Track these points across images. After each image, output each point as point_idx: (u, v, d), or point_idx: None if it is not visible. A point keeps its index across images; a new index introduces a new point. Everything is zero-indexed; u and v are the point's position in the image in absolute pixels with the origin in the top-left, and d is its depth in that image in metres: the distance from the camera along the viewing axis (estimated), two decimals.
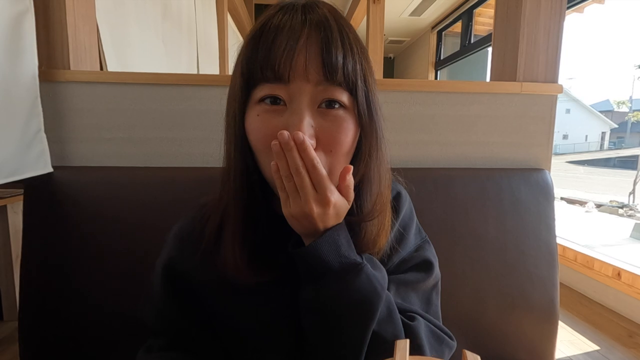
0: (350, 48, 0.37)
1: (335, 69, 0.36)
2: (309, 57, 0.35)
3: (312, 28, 0.36)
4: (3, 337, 1.52)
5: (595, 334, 1.62)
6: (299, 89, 0.36)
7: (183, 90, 0.78)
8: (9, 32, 0.65)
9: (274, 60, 0.35)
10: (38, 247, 0.70)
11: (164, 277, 0.47)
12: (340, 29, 0.37)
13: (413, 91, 0.83)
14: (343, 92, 0.37)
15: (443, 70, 4.43)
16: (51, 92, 0.74)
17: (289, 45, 0.35)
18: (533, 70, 0.84)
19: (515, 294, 0.79)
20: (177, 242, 0.47)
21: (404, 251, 0.48)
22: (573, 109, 38.15)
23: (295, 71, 0.35)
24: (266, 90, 0.37)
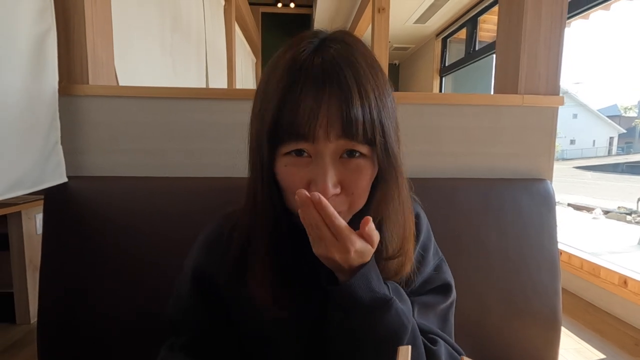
0: (368, 102, 0.39)
1: (355, 125, 0.39)
2: (330, 116, 0.38)
3: (333, 85, 0.38)
4: (16, 340, 1.56)
5: (601, 343, 1.61)
6: (322, 147, 0.39)
7: (194, 104, 0.82)
8: (33, 50, 0.68)
9: (298, 124, 0.38)
10: (56, 254, 0.73)
11: (192, 279, 0.50)
12: (357, 81, 0.39)
13: (417, 103, 0.85)
14: (363, 145, 0.40)
15: (448, 77, 4.45)
16: (70, 106, 0.78)
17: (313, 110, 0.38)
18: (534, 83, 0.87)
19: (518, 302, 0.80)
20: (205, 249, 0.51)
21: (424, 272, 0.52)
22: (580, 114, 37.84)
23: (319, 132, 0.39)
24: (292, 147, 0.40)
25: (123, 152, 0.81)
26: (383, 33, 2.68)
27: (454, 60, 4.21)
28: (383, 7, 2.59)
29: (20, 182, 0.67)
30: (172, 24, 1.80)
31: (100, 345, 0.72)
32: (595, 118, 37.91)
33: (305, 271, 0.45)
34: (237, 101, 0.83)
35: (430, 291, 0.52)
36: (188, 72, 2.03)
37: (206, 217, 0.60)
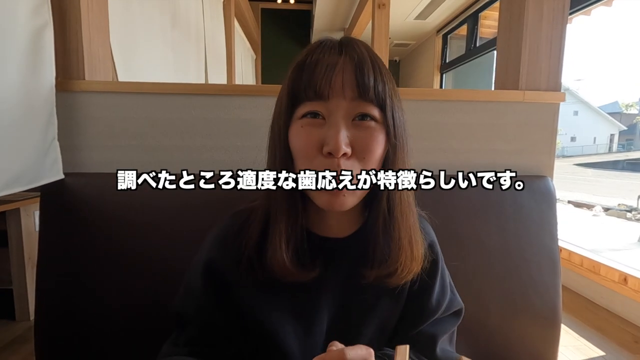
0: (380, 73, 0.43)
1: (367, 88, 0.42)
2: (345, 78, 0.42)
3: (348, 56, 0.43)
4: (16, 337, 1.56)
5: (600, 340, 1.61)
6: (336, 105, 0.42)
7: (193, 100, 0.81)
8: (30, 45, 0.68)
9: (315, 81, 0.42)
10: (53, 251, 0.73)
11: (204, 273, 0.50)
12: (372, 59, 0.43)
13: (417, 99, 0.84)
14: (374, 108, 0.43)
15: (448, 73, 4.43)
16: (66, 102, 0.77)
17: (328, 69, 0.42)
18: (535, 79, 0.86)
19: (518, 299, 0.80)
20: (217, 244, 0.51)
21: (447, 296, 0.55)
22: (581, 110, 37.75)
23: (334, 90, 0.41)
24: (308, 107, 0.43)
25: (120, 148, 0.80)
26: (383, 29, 2.67)
27: (455, 56, 4.19)
28: (383, 3, 2.57)
29: (17, 179, 0.67)
30: (172, 19, 1.79)
31: (97, 341, 0.72)
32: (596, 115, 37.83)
33: (318, 249, 0.48)
34: (236, 97, 0.82)
35: (452, 315, 0.56)
36: (188, 68, 2.02)
37: (205, 214, 0.60)
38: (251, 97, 0.84)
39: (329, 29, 4.48)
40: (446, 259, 0.79)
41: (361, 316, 0.50)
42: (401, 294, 0.51)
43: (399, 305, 0.52)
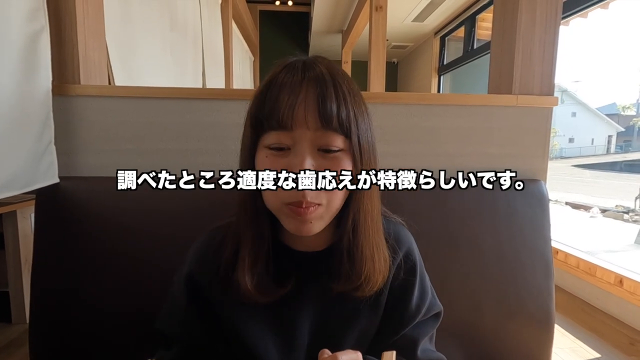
0: (344, 98, 0.43)
1: (330, 118, 0.41)
2: (307, 109, 0.41)
3: (310, 84, 0.42)
4: (12, 340, 1.56)
5: (596, 342, 1.62)
6: (300, 135, 0.42)
7: (189, 104, 0.81)
8: (26, 49, 0.68)
9: (277, 112, 0.41)
10: (48, 255, 0.73)
11: (186, 288, 0.51)
12: (334, 83, 0.43)
13: (411, 104, 0.85)
14: (338, 137, 0.42)
15: (446, 75, 4.44)
16: (62, 106, 0.77)
17: (290, 100, 0.41)
18: (528, 83, 0.86)
19: (512, 302, 0.80)
20: (197, 258, 0.52)
21: (426, 300, 0.55)
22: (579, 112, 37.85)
23: (297, 121, 0.41)
24: (273, 138, 0.43)
25: (116, 152, 0.81)
26: (381, 31, 2.68)
27: (453, 58, 4.20)
28: (380, 6, 2.58)
29: (11, 183, 0.67)
30: (170, 22, 1.80)
31: (92, 345, 0.72)
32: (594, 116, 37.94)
33: (287, 269, 0.48)
34: (233, 101, 0.82)
35: (431, 317, 0.57)
36: (185, 70, 2.03)
37: (199, 218, 0.60)
38: (247, 101, 0.84)
39: (327, 31, 4.49)
40: (440, 261, 0.79)
41: (341, 327, 0.51)
42: (379, 303, 0.52)
43: (377, 314, 0.53)
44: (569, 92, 33.33)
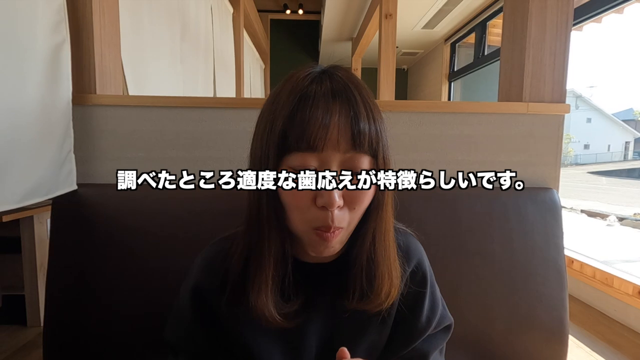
0: (373, 117, 0.42)
1: (363, 139, 0.40)
2: (340, 131, 0.40)
3: (343, 101, 0.40)
4: (26, 342, 1.59)
5: (614, 355, 1.57)
6: (329, 156, 0.40)
7: (200, 113, 0.83)
8: (50, 61, 0.71)
9: (310, 134, 0.39)
10: (63, 260, 0.74)
11: (192, 300, 0.50)
12: (363, 100, 0.41)
13: (421, 112, 0.85)
14: (367, 158, 0.42)
15: (457, 81, 4.42)
16: (79, 115, 0.80)
17: (324, 120, 0.39)
18: (539, 91, 0.86)
19: (524, 313, 0.79)
20: (203, 271, 0.51)
21: (437, 312, 0.55)
22: (594, 118, 37.09)
23: (329, 143, 0.40)
24: (299, 159, 0.40)
25: (129, 160, 0.82)
26: (390, 39, 2.68)
27: (463, 65, 4.18)
28: (390, 14, 2.60)
29: (35, 190, 0.69)
30: (182, 32, 1.83)
31: (106, 349, 0.73)
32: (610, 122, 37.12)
33: (304, 290, 0.47)
34: (244, 110, 0.84)
35: (442, 330, 0.56)
36: (196, 79, 2.06)
37: (215, 223, 0.61)
38: (258, 110, 0.85)
39: (337, 39, 4.52)
40: (451, 270, 0.78)
41: (349, 341, 0.50)
42: (389, 316, 0.52)
43: (387, 327, 0.52)
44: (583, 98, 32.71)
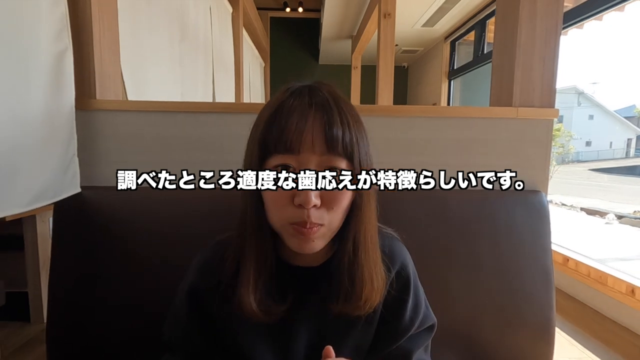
0: (348, 124, 0.45)
1: (336, 143, 0.44)
2: (315, 134, 0.44)
3: (317, 111, 0.45)
4: (30, 339, 1.62)
5: (605, 352, 1.60)
6: (306, 158, 0.44)
7: (199, 117, 0.85)
8: (53, 68, 0.73)
9: (286, 138, 0.44)
10: (66, 260, 0.77)
11: (188, 300, 0.54)
12: (339, 110, 0.45)
13: (412, 116, 0.87)
14: (342, 160, 0.45)
15: (457, 79, 4.43)
16: (81, 120, 0.81)
17: (299, 126, 0.44)
18: (529, 96, 0.87)
19: (511, 313, 0.81)
20: (199, 273, 0.54)
21: (420, 313, 0.57)
22: (597, 115, 36.95)
23: (304, 145, 0.44)
24: (279, 160, 0.45)
25: (129, 164, 0.84)
26: (389, 38, 2.69)
27: (463, 63, 4.18)
28: (389, 13, 2.60)
29: (42, 194, 0.71)
30: (181, 34, 1.84)
31: (108, 347, 0.75)
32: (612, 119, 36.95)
33: (288, 288, 0.50)
34: (242, 115, 0.86)
35: (424, 330, 0.59)
36: (195, 81, 2.06)
37: (216, 224, 0.63)
38: (256, 114, 0.87)
39: (337, 37, 4.52)
40: (439, 271, 0.81)
41: (337, 341, 0.53)
42: (374, 317, 0.54)
43: (372, 328, 0.55)
44: (586, 95, 32.55)
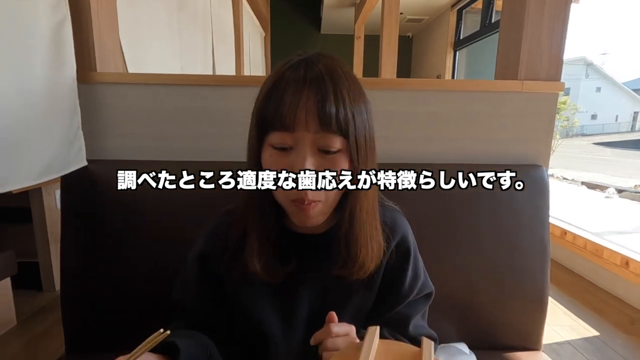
0: (342, 100, 0.45)
1: (329, 120, 0.44)
2: (308, 112, 0.44)
3: (311, 88, 0.44)
4: (43, 306, 1.69)
5: (597, 321, 1.66)
6: (301, 136, 0.45)
7: (200, 90, 0.84)
8: (53, 40, 0.72)
9: (280, 115, 0.45)
10: (75, 232, 0.79)
11: (197, 265, 0.57)
12: (334, 85, 0.45)
13: (416, 90, 0.86)
14: (337, 138, 0.46)
15: (462, 51, 4.31)
16: (82, 93, 0.81)
17: (292, 103, 0.44)
18: (535, 69, 0.86)
19: (507, 285, 0.83)
20: (207, 240, 0.58)
21: (419, 281, 0.60)
22: (604, 87, 36.08)
23: (298, 123, 0.44)
24: (277, 139, 0.46)
25: (131, 137, 0.85)
26: (394, 5, 2.61)
27: (470, 32, 4.06)
28: None
29: (50, 168, 0.72)
30: (179, 4, 1.79)
31: (119, 311, 0.79)
32: (619, 92, 36.12)
33: (292, 252, 0.53)
34: (243, 88, 0.85)
35: (422, 297, 0.62)
36: (195, 55, 2.02)
37: (217, 196, 0.64)
38: (257, 87, 0.86)
39: (340, 5, 4.37)
40: (438, 243, 0.83)
41: (338, 304, 0.56)
42: (373, 284, 0.57)
43: (372, 294, 0.58)
44: (594, 66, 31.65)
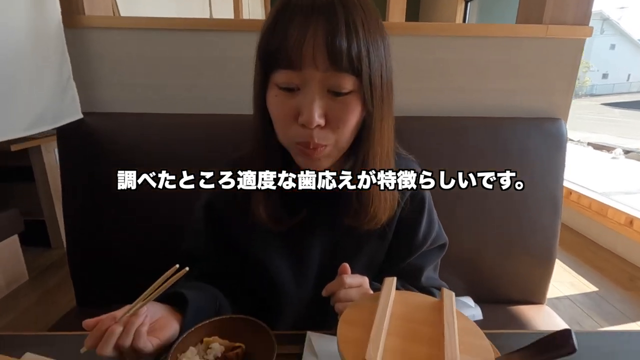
0: (356, 33, 0.39)
1: (340, 57, 0.39)
2: (315, 47, 0.38)
3: (320, 18, 0.38)
4: (52, 262, 1.73)
5: (597, 277, 1.68)
6: (309, 75, 0.40)
7: (197, 36, 0.78)
8: None
9: (286, 51, 0.39)
10: (75, 187, 0.77)
11: (205, 213, 0.56)
12: (347, 14, 0.39)
13: (430, 35, 0.80)
14: (349, 77, 0.40)
15: (474, 2, 4.06)
16: (71, 38, 0.76)
17: (299, 37, 0.38)
18: (562, 11, 0.79)
19: (517, 240, 0.83)
20: (215, 190, 0.54)
21: (433, 233, 0.58)
22: (619, 44, 34.50)
23: (305, 60, 0.39)
24: (283, 78, 0.41)
25: (128, 87, 0.81)
26: None
27: None
28: None
29: (41, 119, 0.69)
30: None
31: (125, 261, 0.79)
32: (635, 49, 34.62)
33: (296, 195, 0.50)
34: (243, 33, 0.79)
35: (437, 248, 0.60)
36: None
37: (222, 145, 0.62)
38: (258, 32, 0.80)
39: None
40: (447, 195, 0.80)
41: (350, 254, 0.54)
42: (386, 234, 0.55)
43: (384, 243, 0.56)
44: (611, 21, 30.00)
